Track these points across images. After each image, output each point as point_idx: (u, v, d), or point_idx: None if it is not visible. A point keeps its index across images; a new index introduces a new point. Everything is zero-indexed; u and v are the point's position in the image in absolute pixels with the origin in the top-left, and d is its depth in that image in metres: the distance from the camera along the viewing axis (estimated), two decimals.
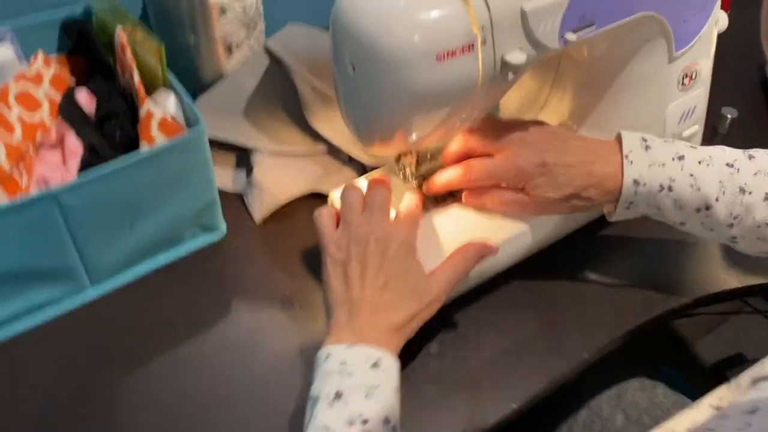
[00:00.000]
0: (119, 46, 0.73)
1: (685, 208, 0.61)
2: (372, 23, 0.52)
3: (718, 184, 0.60)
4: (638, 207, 0.62)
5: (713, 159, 0.61)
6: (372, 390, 0.51)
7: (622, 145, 0.62)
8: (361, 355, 0.53)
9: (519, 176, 0.62)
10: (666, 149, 0.62)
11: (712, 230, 0.62)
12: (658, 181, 0.60)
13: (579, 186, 0.61)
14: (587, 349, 0.66)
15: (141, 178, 0.64)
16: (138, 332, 0.66)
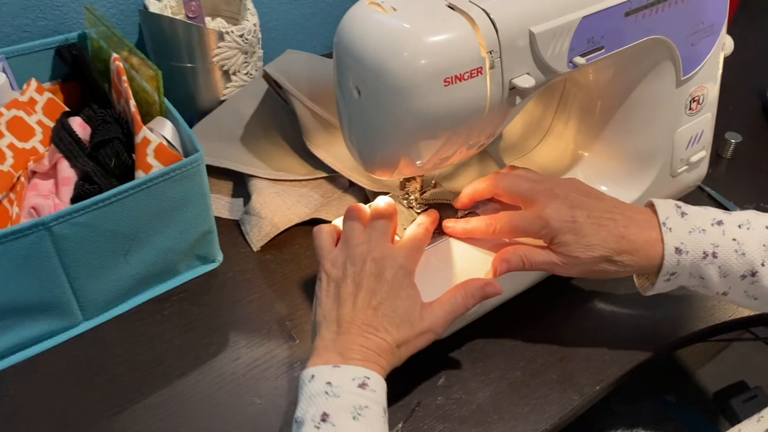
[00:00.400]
0: (115, 72, 0.71)
1: (730, 276, 0.57)
2: (378, 46, 0.51)
3: (763, 248, 0.57)
4: (680, 278, 0.59)
5: (751, 222, 0.58)
6: (360, 411, 0.49)
7: (656, 212, 0.59)
8: (347, 374, 0.51)
9: (545, 230, 0.58)
10: (702, 215, 0.59)
11: (756, 299, 0.59)
12: (701, 248, 0.57)
13: (611, 249, 0.57)
14: (600, 382, 0.63)
15: (136, 207, 0.62)
16: (131, 366, 0.64)
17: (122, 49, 0.72)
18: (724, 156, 0.90)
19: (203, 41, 0.80)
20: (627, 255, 0.58)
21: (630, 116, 0.69)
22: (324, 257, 0.60)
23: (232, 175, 0.80)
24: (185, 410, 0.61)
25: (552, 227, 0.58)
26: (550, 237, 0.59)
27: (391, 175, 0.61)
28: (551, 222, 0.58)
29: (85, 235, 0.61)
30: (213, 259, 0.73)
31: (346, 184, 0.81)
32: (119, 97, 0.72)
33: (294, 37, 1.00)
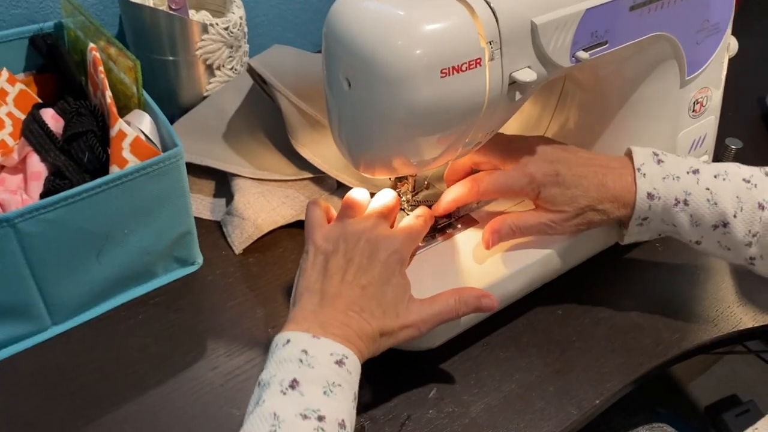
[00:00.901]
0: (91, 63, 0.68)
1: (702, 225, 0.58)
2: (370, 34, 0.48)
3: (735, 199, 0.57)
4: (653, 223, 0.60)
5: (729, 174, 0.59)
6: (332, 388, 0.46)
7: (633, 159, 0.59)
8: (326, 348, 0.48)
9: (531, 185, 0.59)
10: (679, 163, 0.60)
11: (729, 249, 0.59)
12: (673, 194, 0.58)
13: (593, 198, 0.59)
14: (600, 396, 0.60)
15: (110, 204, 0.59)
16: (102, 375, 0.60)
17: (100, 38, 0.68)
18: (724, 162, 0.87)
19: (186, 33, 0.77)
20: (609, 203, 0.59)
21: (631, 117, 0.66)
22: (315, 230, 0.57)
23: (215, 174, 0.76)
24: (159, 422, 0.57)
25: (537, 181, 0.59)
26: (536, 192, 0.59)
27: (382, 173, 0.58)
28: (536, 176, 0.59)
29: (54, 234, 0.57)
30: (192, 262, 0.69)
31: (334, 186, 0.77)
32: (96, 90, 0.68)
33: (281, 33, 0.97)
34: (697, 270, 0.73)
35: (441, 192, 0.68)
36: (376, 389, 0.59)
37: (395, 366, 0.61)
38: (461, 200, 0.62)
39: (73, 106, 0.67)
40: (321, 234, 0.57)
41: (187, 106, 0.82)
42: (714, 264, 0.74)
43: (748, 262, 0.59)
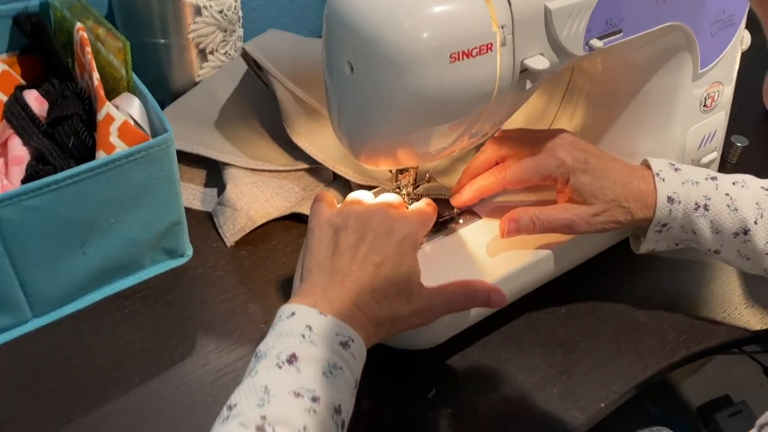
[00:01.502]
0: (78, 43, 0.64)
1: (723, 232, 0.57)
2: (376, 15, 0.45)
3: (756, 206, 0.56)
4: (672, 230, 0.59)
5: (747, 182, 0.59)
6: (333, 370, 0.43)
7: (650, 166, 0.59)
8: (332, 327, 0.45)
9: (561, 168, 0.57)
10: (696, 171, 0.59)
11: (749, 259, 0.58)
12: (693, 198, 0.57)
13: (620, 194, 0.57)
14: (605, 399, 0.58)
15: (95, 191, 0.56)
16: (85, 371, 0.57)
17: (87, 18, 0.65)
18: (729, 161, 0.85)
19: (178, 15, 0.74)
20: (633, 201, 0.58)
21: (641, 110, 0.64)
22: (322, 208, 0.54)
23: (206, 163, 0.74)
24: (145, 421, 0.55)
25: (568, 165, 0.57)
26: (565, 177, 0.57)
27: (384, 164, 0.55)
28: (567, 160, 0.57)
29: (36, 221, 0.54)
30: (181, 254, 0.66)
31: (330, 177, 0.74)
32: (83, 72, 0.65)
33: (277, 18, 0.94)
34: (704, 270, 0.71)
35: (442, 185, 0.66)
36: (373, 388, 0.57)
37: (393, 365, 0.58)
38: (487, 190, 0.60)
39: (59, 88, 0.64)
40: (330, 211, 0.54)
41: (179, 91, 0.79)
42: (720, 264, 0.72)
43: (766, 272, 0.58)
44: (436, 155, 0.54)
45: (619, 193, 0.57)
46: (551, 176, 0.58)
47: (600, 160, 0.58)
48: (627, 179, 0.58)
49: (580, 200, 0.58)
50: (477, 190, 0.60)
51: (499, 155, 0.60)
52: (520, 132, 0.61)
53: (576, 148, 0.58)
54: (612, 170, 0.58)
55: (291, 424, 0.40)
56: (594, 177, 0.57)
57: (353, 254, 0.50)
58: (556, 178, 0.58)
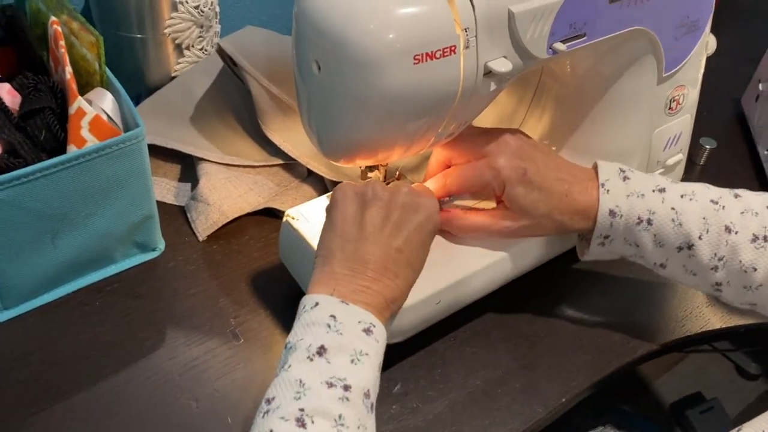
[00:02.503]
0: (52, 37, 0.65)
1: (666, 246, 0.56)
2: (343, 16, 0.46)
3: (702, 220, 0.55)
4: (615, 243, 0.58)
5: (696, 194, 0.57)
6: (359, 356, 0.45)
7: (598, 174, 0.57)
8: (354, 315, 0.47)
9: (497, 179, 0.56)
10: (645, 181, 0.57)
11: (695, 274, 0.57)
12: (636, 212, 0.55)
13: (554, 207, 0.57)
14: (566, 393, 0.59)
15: (66, 185, 0.56)
16: (54, 362, 0.58)
17: (62, 12, 0.65)
18: (697, 162, 0.87)
19: (155, 10, 0.74)
20: (568, 215, 0.57)
21: (607, 112, 0.65)
22: (348, 184, 0.54)
23: (181, 157, 0.74)
24: (113, 412, 0.55)
25: (504, 175, 0.56)
26: (501, 188, 0.57)
27: (352, 162, 0.56)
28: (503, 171, 0.56)
29: (6, 214, 0.55)
30: (153, 248, 0.67)
31: (305, 173, 0.75)
32: (57, 66, 0.65)
33: (255, 15, 0.94)
34: None
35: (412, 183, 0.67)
36: None
37: None
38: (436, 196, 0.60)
39: (31, 81, 0.64)
40: (355, 185, 0.54)
41: (154, 86, 0.79)
42: None
43: (714, 288, 0.57)
44: (403, 154, 0.55)
45: (554, 206, 0.56)
46: (488, 186, 0.57)
47: (540, 171, 0.56)
48: (567, 190, 0.56)
49: (513, 209, 0.57)
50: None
51: (447, 159, 0.60)
52: (468, 131, 0.59)
53: (518, 156, 0.57)
54: (551, 181, 0.56)
55: (328, 413, 0.42)
56: (529, 189, 0.56)
57: (378, 237, 0.50)
58: (493, 188, 0.57)
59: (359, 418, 0.43)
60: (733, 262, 0.55)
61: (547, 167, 0.57)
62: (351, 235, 0.50)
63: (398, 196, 0.52)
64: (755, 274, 0.55)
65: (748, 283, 0.55)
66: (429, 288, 0.57)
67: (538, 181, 0.56)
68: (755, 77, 0.94)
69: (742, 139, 0.92)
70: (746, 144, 0.91)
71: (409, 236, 0.51)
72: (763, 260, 0.54)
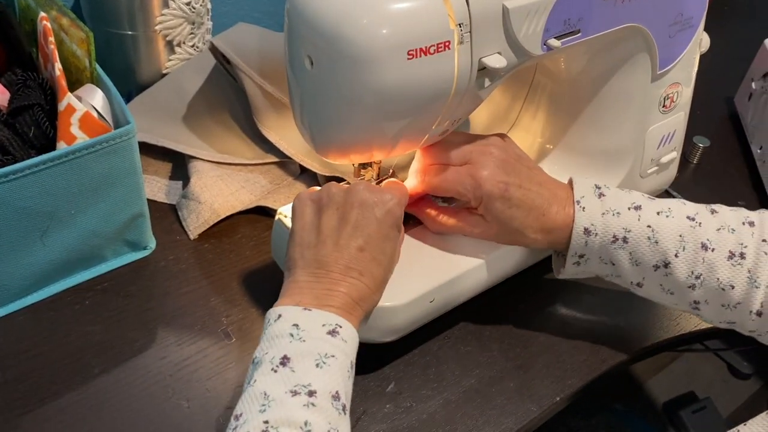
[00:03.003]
0: (41, 33, 0.64)
1: (642, 265, 0.55)
2: (335, 12, 0.46)
3: (678, 238, 0.54)
4: (590, 262, 0.57)
5: (673, 211, 0.56)
6: (325, 359, 0.44)
7: (573, 190, 0.57)
8: (318, 319, 0.46)
9: (476, 191, 0.55)
10: (621, 198, 0.56)
11: (673, 294, 0.56)
12: (612, 231, 0.55)
13: (528, 225, 0.56)
14: (560, 393, 0.59)
15: (56, 182, 0.56)
16: (44, 362, 0.57)
17: (51, 8, 0.65)
18: (691, 161, 0.87)
19: (146, 7, 0.73)
20: (542, 234, 0.56)
21: (602, 110, 0.65)
22: (305, 191, 0.54)
23: (172, 155, 0.73)
24: (103, 412, 0.54)
25: (484, 190, 0.55)
26: (479, 200, 0.56)
27: (345, 159, 0.55)
28: (485, 184, 0.55)
29: None
30: (144, 246, 0.66)
31: (297, 171, 0.75)
32: (46, 62, 0.65)
33: (247, 12, 0.94)
34: None
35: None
36: None
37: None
38: (412, 192, 0.59)
39: (20, 77, 0.63)
40: (311, 190, 0.53)
41: (146, 83, 0.79)
42: None
43: (692, 306, 0.56)
44: (397, 151, 0.55)
45: (528, 225, 0.56)
46: (467, 194, 0.56)
47: (522, 187, 0.55)
48: (545, 209, 0.56)
49: (487, 219, 0.57)
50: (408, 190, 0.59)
51: (432, 161, 0.58)
52: (453, 137, 0.58)
53: (502, 169, 0.56)
54: (531, 198, 0.55)
55: (293, 422, 0.41)
56: (507, 206, 0.55)
57: (336, 239, 0.49)
58: (471, 198, 0.56)
59: (329, 422, 0.42)
60: (710, 280, 0.54)
61: (530, 182, 0.56)
62: (310, 241, 0.50)
63: (353, 195, 0.51)
64: (732, 292, 0.54)
65: (726, 302, 0.54)
66: (423, 287, 0.56)
67: (517, 198, 0.55)
68: (748, 76, 0.94)
69: (735, 138, 0.92)
70: (739, 142, 0.92)
71: (370, 233, 0.50)
72: (740, 278, 0.53)
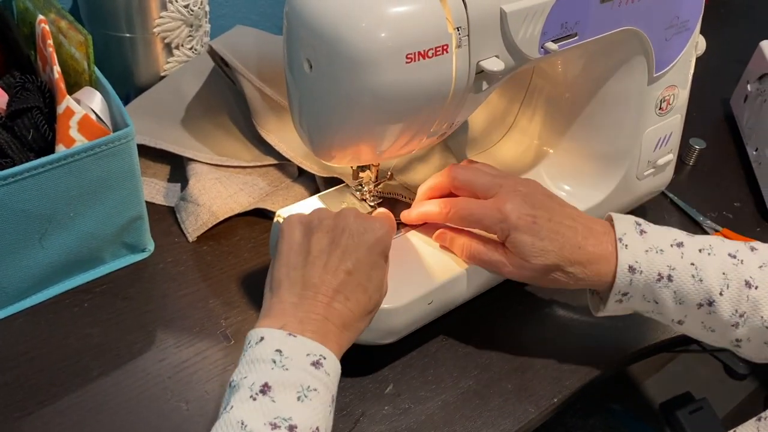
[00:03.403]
0: (40, 36, 0.64)
1: (686, 303, 0.54)
2: (334, 15, 0.46)
3: (722, 276, 0.53)
4: (633, 300, 0.55)
5: (714, 248, 0.55)
6: (307, 392, 0.43)
7: (614, 226, 0.55)
8: (302, 347, 0.45)
9: (503, 224, 0.54)
10: (663, 235, 0.55)
11: (714, 331, 0.55)
12: (657, 268, 0.53)
13: (566, 258, 0.54)
14: (558, 394, 0.59)
15: (54, 184, 0.56)
16: (42, 364, 0.57)
17: (50, 11, 0.65)
18: (687, 162, 0.87)
19: (144, 9, 0.73)
20: (580, 267, 0.54)
21: (598, 112, 0.65)
22: (295, 214, 0.53)
23: (170, 158, 0.73)
24: (102, 415, 0.54)
25: (510, 222, 0.54)
26: (506, 233, 0.54)
27: (343, 162, 0.56)
28: (511, 216, 0.54)
29: None
30: (143, 249, 0.66)
31: (295, 173, 0.75)
32: (44, 65, 0.65)
33: (245, 15, 0.94)
34: None
35: (403, 184, 0.66)
36: None
37: (351, 360, 0.58)
38: (430, 218, 0.59)
39: (19, 80, 0.63)
40: (300, 215, 0.53)
41: (144, 86, 0.79)
42: None
43: (733, 344, 0.55)
44: (394, 154, 0.55)
45: (565, 257, 0.54)
46: (491, 229, 0.55)
47: (552, 220, 0.54)
48: (580, 242, 0.54)
49: (519, 257, 0.55)
50: (423, 214, 0.59)
51: (454, 183, 0.58)
52: (481, 167, 0.57)
53: (528, 203, 0.54)
54: (563, 231, 0.54)
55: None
56: (538, 238, 0.53)
57: (325, 261, 0.49)
58: (496, 231, 0.55)
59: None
60: (754, 318, 0.53)
61: (561, 216, 0.55)
62: (297, 262, 0.49)
63: (344, 220, 0.51)
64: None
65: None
66: (421, 288, 0.57)
67: (548, 230, 0.54)
68: (743, 78, 0.94)
69: (731, 140, 0.93)
70: (735, 144, 0.92)
71: (359, 258, 0.49)
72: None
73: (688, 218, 0.79)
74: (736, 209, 0.82)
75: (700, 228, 0.78)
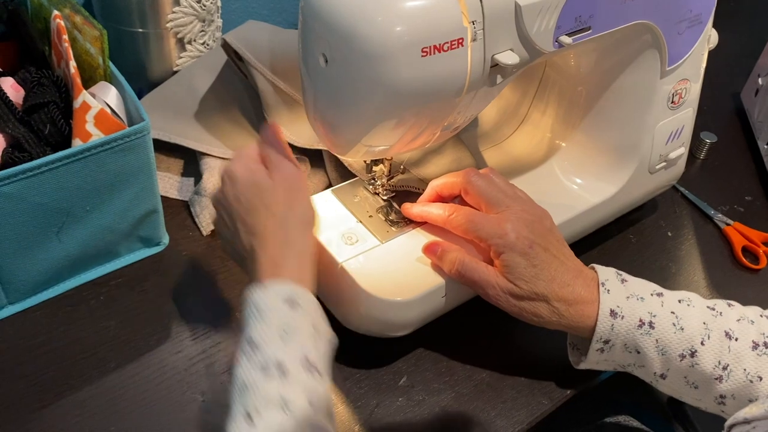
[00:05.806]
0: (55, 31, 0.64)
1: (668, 354, 0.53)
2: (350, 9, 0.46)
3: (702, 325, 0.53)
4: (614, 349, 0.55)
5: (692, 300, 0.55)
6: (287, 330, 0.46)
7: (597, 273, 0.56)
8: (276, 295, 0.47)
9: (500, 240, 0.54)
10: (642, 285, 0.56)
11: (697, 387, 0.54)
12: (638, 315, 0.53)
13: (554, 292, 0.54)
14: (571, 386, 0.60)
15: (71, 179, 0.56)
16: (60, 357, 0.58)
17: (64, 6, 0.65)
18: (698, 156, 0.87)
19: (156, 4, 0.74)
20: (565, 304, 0.54)
21: (611, 106, 0.65)
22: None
23: (184, 152, 0.74)
24: (119, 407, 0.55)
25: (508, 240, 0.54)
26: (500, 251, 0.54)
27: (357, 156, 0.56)
28: (510, 235, 0.54)
29: (11, 208, 0.54)
30: (157, 242, 0.67)
31: (308, 169, 0.75)
32: (59, 60, 0.65)
33: (256, 9, 0.94)
34: (669, 263, 0.73)
35: (416, 177, 0.67)
36: (345, 375, 0.58)
37: (365, 352, 0.60)
38: (431, 218, 0.60)
39: (35, 75, 0.63)
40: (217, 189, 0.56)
41: (156, 81, 0.79)
42: (685, 258, 0.74)
43: (717, 402, 0.54)
44: (408, 147, 0.55)
45: (554, 290, 0.54)
46: (487, 242, 0.55)
47: (547, 251, 0.54)
48: (569, 280, 0.54)
49: (508, 278, 0.54)
50: (423, 214, 0.60)
51: (467, 186, 0.58)
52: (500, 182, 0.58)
53: (529, 228, 0.55)
54: (555, 265, 0.54)
55: (271, 402, 0.42)
56: (531, 264, 0.53)
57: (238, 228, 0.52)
58: (491, 246, 0.55)
59: (304, 389, 0.43)
60: (737, 372, 0.52)
61: (557, 251, 0.55)
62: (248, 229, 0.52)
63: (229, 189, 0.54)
64: (760, 384, 0.52)
65: (754, 395, 0.52)
66: (435, 282, 0.57)
67: (541, 259, 0.54)
68: (755, 72, 0.94)
69: (741, 134, 0.93)
70: (746, 138, 0.92)
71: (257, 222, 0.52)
72: (766, 368, 0.52)
73: (699, 212, 0.79)
74: (747, 203, 0.82)
75: (711, 222, 0.78)
